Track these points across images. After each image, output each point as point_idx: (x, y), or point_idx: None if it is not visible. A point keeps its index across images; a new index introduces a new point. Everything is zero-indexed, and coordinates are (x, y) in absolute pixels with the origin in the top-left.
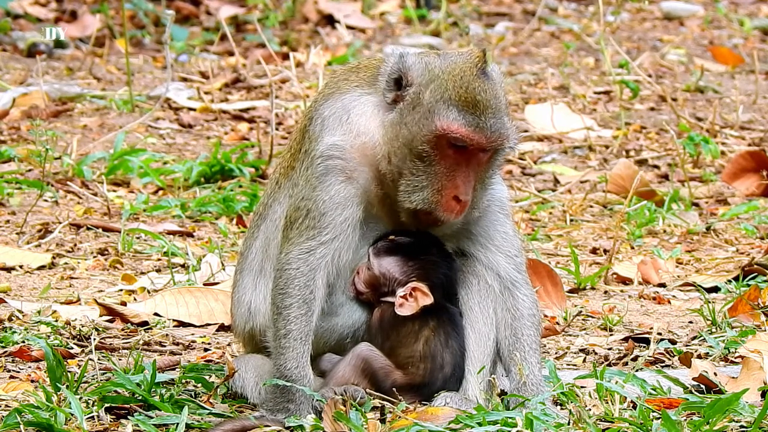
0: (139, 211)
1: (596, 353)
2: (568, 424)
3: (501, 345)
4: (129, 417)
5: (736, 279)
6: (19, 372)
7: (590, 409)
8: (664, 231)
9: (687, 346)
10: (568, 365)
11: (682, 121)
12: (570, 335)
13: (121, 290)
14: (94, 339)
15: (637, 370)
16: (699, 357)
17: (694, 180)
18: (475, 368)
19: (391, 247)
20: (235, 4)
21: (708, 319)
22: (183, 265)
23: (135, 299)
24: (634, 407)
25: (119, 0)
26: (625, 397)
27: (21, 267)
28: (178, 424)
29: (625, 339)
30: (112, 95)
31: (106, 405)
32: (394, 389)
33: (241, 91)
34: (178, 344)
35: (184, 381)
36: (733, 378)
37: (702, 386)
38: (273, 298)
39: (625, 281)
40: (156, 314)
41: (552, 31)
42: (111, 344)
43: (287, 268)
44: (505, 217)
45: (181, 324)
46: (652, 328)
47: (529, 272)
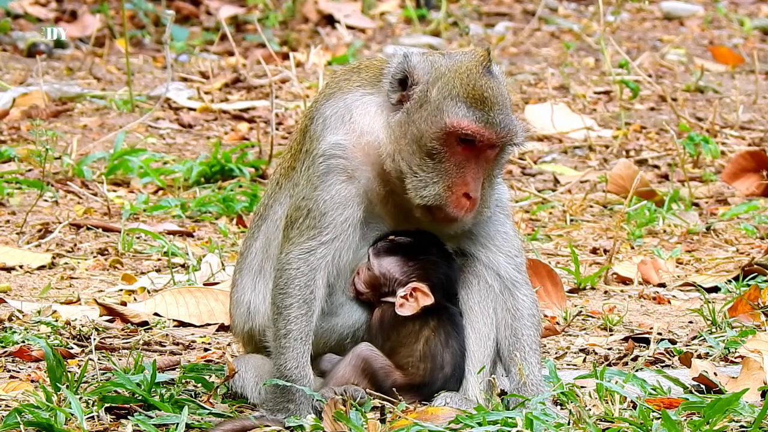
0: (139, 211)
1: (596, 353)
2: (568, 424)
3: (501, 345)
4: (129, 417)
5: (736, 279)
6: (19, 372)
7: (590, 409)
8: (664, 231)
9: (687, 346)
10: (568, 365)
11: (682, 121)
12: (570, 335)
13: (121, 290)
14: (94, 339)
15: (637, 370)
16: (699, 357)
17: (694, 180)
18: (475, 368)
19: (391, 248)
20: (235, 4)
21: (708, 319)
22: (183, 265)
23: (135, 299)
24: (634, 407)
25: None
26: (625, 397)
27: (21, 267)
28: (178, 424)
29: (625, 339)
30: (112, 95)
31: (106, 405)
32: (394, 389)
33: (241, 91)
34: (178, 344)
35: (184, 381)
36: (733, 378)
37: (702, 386)
38: (273, 297)
39: (625, 281)
40: (156, 314)
41: (552, 31)
42: (111, 344)
43: (288, 267)
44: (505, 217)
45: (181, 324)
46: (652, 328)
47: (529, 272)
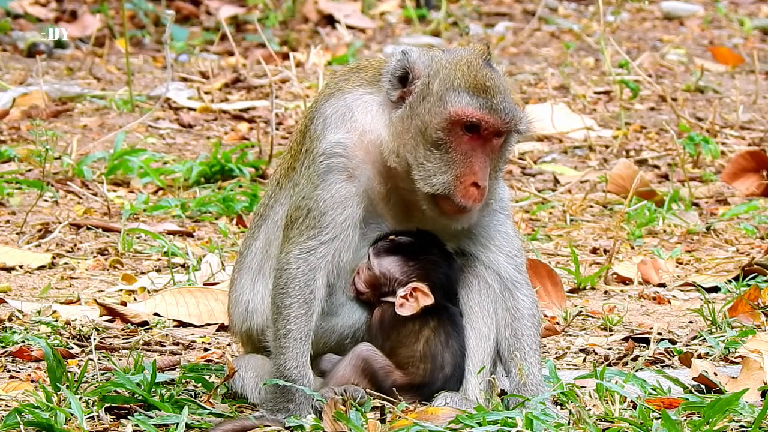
0: (139, 211)
1: (596, 353)
2: (568, 424)
3: (501, 345)
4: (129, 417)
5: (736, 279)
6: (19, 372)
7: (590, 409)
8: (664, 231)
9: (687, 346)
10: (568, 365)
11: (682, 121)
12: (570, 335)
13: (121, 290)
14: (94, 339)
15: (637, 370)
16: (699, 357)
17: (694, 180)
18: (475, 368)
19: (391, 247)
20: (235, 4)
21: (708, 319)
22: (183, 265)
23: (135, 299)
24: (634, 407)
25: (119, 0)
26: (625, 397)
27: (21, 267)
28: (178, 424)
29: (625, 339)
30: (112, 95)
31: (106, 405)
32: (394, 389)
33: (241, 91)
34: (178, 344)
35: (184, 381)
36: (733, 378)
37: (702, 386)
38: (273, 297)
39: (625, 281)
40: (156, 314)
41: (552, 31)
42: (111, 344)
43: (287, 267)
44: (505, 217)
45: (181, 324)
46: (652, 328)
47: (529, 272)
